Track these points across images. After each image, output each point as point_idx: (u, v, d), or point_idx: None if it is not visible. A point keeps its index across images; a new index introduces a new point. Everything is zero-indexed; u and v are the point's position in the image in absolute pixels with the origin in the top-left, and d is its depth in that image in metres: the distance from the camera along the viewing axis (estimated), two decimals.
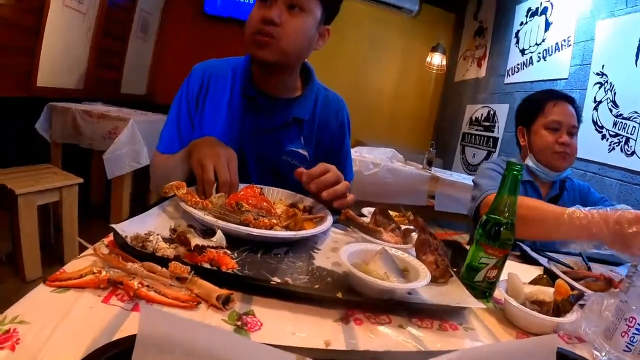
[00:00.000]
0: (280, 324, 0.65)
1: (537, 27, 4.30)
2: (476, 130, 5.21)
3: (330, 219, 1.04)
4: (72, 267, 0.67)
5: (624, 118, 2.96)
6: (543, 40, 4.15)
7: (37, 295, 0.60)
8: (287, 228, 0.94)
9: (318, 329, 0.65)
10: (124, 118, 3.22)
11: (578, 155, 3.20)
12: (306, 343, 0.60)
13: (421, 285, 0.74)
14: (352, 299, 0.73)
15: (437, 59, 5.78)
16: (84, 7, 3.59)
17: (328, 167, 1.13)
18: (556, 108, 1.65)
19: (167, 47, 5.26)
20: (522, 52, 4.49)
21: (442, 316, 0.77)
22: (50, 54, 3.28)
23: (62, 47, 3.46)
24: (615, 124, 3.03)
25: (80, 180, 2.78)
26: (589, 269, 1.23)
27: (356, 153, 4.00)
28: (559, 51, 3.88)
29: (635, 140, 2.83)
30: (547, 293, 0.83)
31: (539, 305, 0.82)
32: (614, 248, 1.02)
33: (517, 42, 4.62)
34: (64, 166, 3.21)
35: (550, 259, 1.25)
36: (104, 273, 0.63)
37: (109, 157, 3.07)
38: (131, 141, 3.19)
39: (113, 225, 0.77)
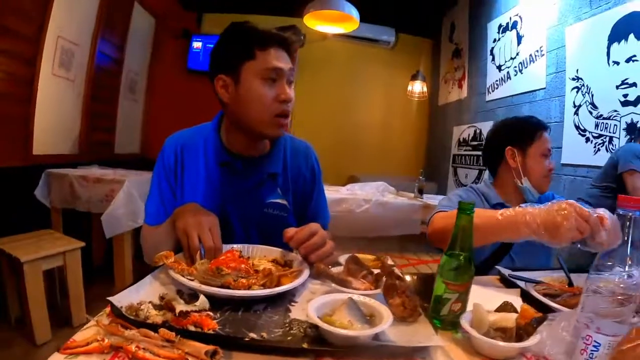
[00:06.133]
0: None
1: (509, 42, 4.39)
2: (465, 150, 5.26)
3: (306, 273, 1.11)
4: (80, 336, 0.77)
5: (604, 118, 3.00)
6: (517, 54, 4.23)
7: None
8: (264, 286, 1.02)
9: None
10: (119, 180, 3.30)
11: (566, 162, 3.28)
12: None
13: (381, 330, 0.80)
14: (317, 348, 0.78)
15: (417, 87, 5.88)
16: (72, 75, 3.75)
17: (314, 230, 1.20)
18: (545, 136, 1.77)
19: (156, 104, 5.40)
20: (499, 68, 4.56)
21: (408, 355, 0.81)
22: (44, 122, 3.42)
23: (54, 114, 3.59)
24: (597, 125, 3.07)
25: (82, 244, 2.86)
26: (571, 282, 1.25)
27: (348, 191, 4.07)
28: (533, 62, 3.95)
29: (619, 138, 2.86)
30: (509, 319, 0.86)
31: (502, 332, 0.85)
32: (543, 239, 1.07)
33: (493, 59, 4.70)
34: (65, 230, 3.31)
35: (528, 280, 1.26)
36: (106, 340, 0.73)
37: (106, 217, 3.14)
38: (127, 202, 3.26)
39: (109, 298, 0.85)
